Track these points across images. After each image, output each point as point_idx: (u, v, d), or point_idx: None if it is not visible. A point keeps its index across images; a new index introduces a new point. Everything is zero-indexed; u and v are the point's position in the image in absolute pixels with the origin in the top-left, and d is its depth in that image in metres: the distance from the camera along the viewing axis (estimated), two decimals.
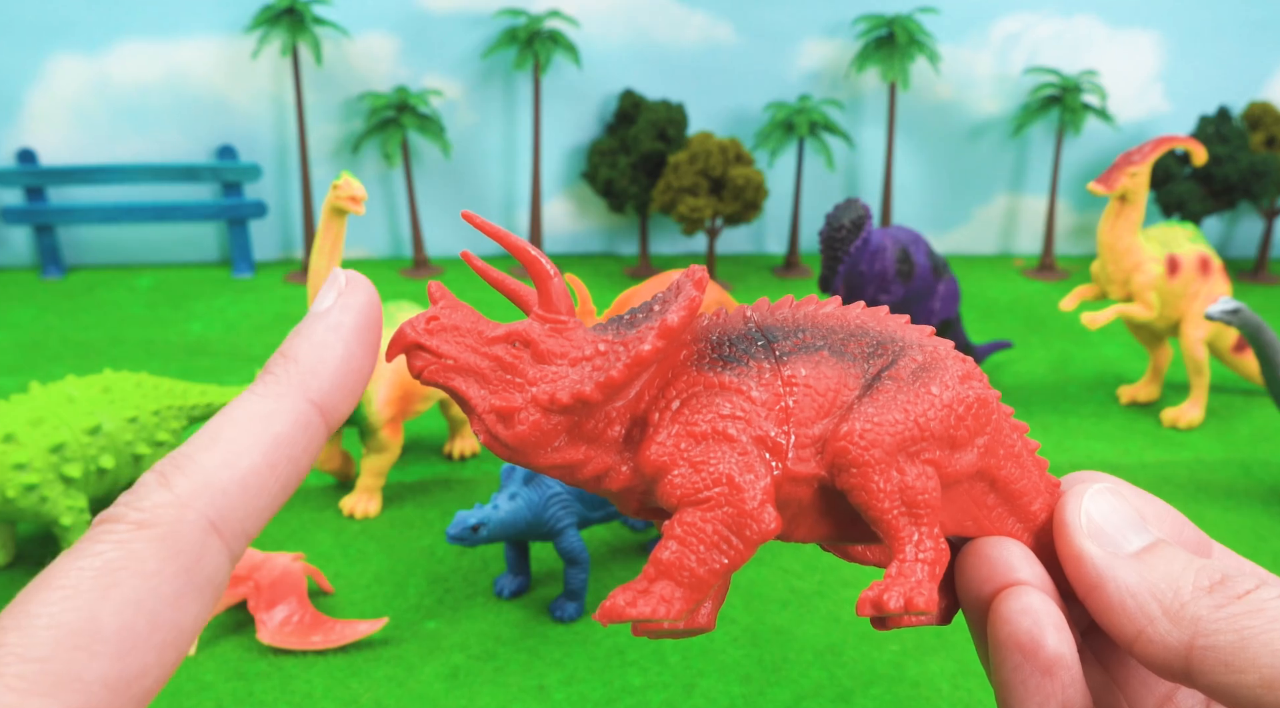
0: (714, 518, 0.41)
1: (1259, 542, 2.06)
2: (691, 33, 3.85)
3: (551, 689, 1.61)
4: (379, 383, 2.04)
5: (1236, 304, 2.13)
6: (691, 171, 3.45)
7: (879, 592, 0.42)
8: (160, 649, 0.31)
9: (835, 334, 0.45)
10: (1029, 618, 0.40)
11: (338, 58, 3.69)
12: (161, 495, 0.33)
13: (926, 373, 0.44)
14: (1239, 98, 3.98)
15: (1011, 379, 2.88)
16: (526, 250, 0.45)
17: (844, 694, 1.60)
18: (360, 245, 3.92)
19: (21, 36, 3.53)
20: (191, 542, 0.32)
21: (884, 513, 0.42)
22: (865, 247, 2.31)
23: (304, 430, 0.37)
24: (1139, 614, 0.39)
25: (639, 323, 0.44)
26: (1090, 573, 0.41)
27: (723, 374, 0.43)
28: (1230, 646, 0.36)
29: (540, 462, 0.43)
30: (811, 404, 0.43)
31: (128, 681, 0.30)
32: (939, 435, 0.43)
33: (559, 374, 0.43)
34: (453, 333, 0.43)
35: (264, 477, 0.35)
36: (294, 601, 1.72)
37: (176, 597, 0.31)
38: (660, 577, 0.41)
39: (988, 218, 4.18)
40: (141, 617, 0.30)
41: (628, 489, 0.44)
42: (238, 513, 0.34)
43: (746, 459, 0.42)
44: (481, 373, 0.43)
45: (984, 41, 3.94)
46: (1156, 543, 0.41)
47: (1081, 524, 0.42)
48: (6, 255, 3.74)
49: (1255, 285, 3.83)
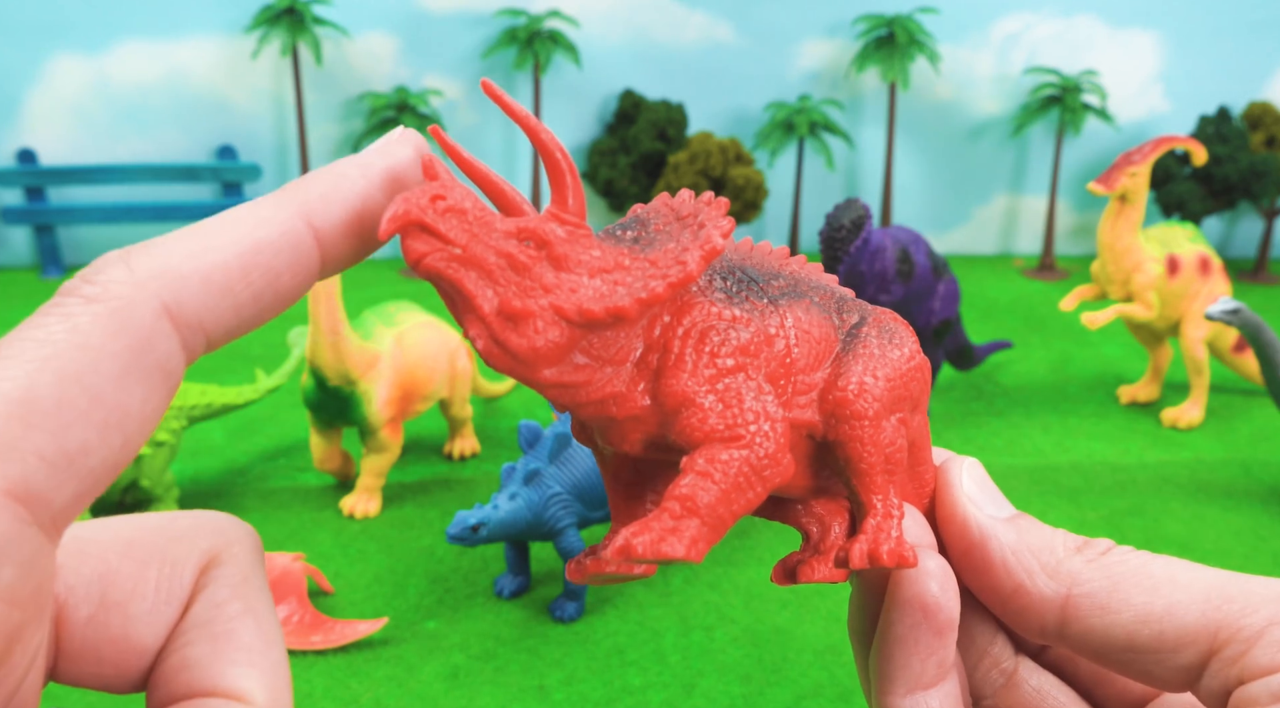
0: (741, 457, 0.39)
1: (1259, 542, 2.06)
2: (691, 33, 3.85)
3: (551, 689, 1.61)
4: (379, 383, 2.03)
5: (1236, 304, 2.13)
6: (691, 171, 3.45)
7: (870, 545, 0.42)
8: (102, 428, 0.29)
9: (805, 284, 0.45)
10: (934, 580, 0.43)
11: (338, 58, 3.69)
12: (118, 272, 0.31)
13: (892, 334, 0.45)
14: (1239, 98, 3.98)
15: (1011, 379, 2.88)
16: (542, 138, 0.40)
17: (844, 694, 1.60)
18: None
19: (21, 36, 3.53)
20: (141, 322, 0.30)
21: (871, 467, 0.43)
22: (865, 247, 2.31)
23: (291, 247, 0.33)
24: (1019, 569, 0.43)
25: (649, 241, 0.41)
26: (974, 533, 0.44)
27: (734, 308, 0.42)
28: (1104, 590, 0.41)
29: (544, 378, 0.39)
30: (809, 350, 0.43)
31: (67, 455, 0.28)
32: (911, 396, 0.45)
33: (578, 284, 0.38)
34: (459, 216, 0.37)
35: (232, 277, 0.32)
36: (294, 601, 1.72)
37: (120, 376, 0.29)
38: (687, 514, 0.38)
39: (988, 218, 4.18)
40: (81, 391, 0.29)
41: (635, 418, 0.41)
42: (195, 304, 0.31)
43: (768, 399, 0.40)
44: (489, 269, 0.37)
45: (984, 41, 3.94)
46: (1020, 514, 0.45)
47: (965, 490, 0.46)
48: (6, 255, 3.74)
49: (1255, 285, 3.83)
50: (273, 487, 2.22)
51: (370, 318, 2.12)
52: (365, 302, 2.35)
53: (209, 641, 0.33)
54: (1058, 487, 2.27)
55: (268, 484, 2.23)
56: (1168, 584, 0.41)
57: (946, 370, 2.88)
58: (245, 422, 2.50)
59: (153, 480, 1.96)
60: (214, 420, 2.42)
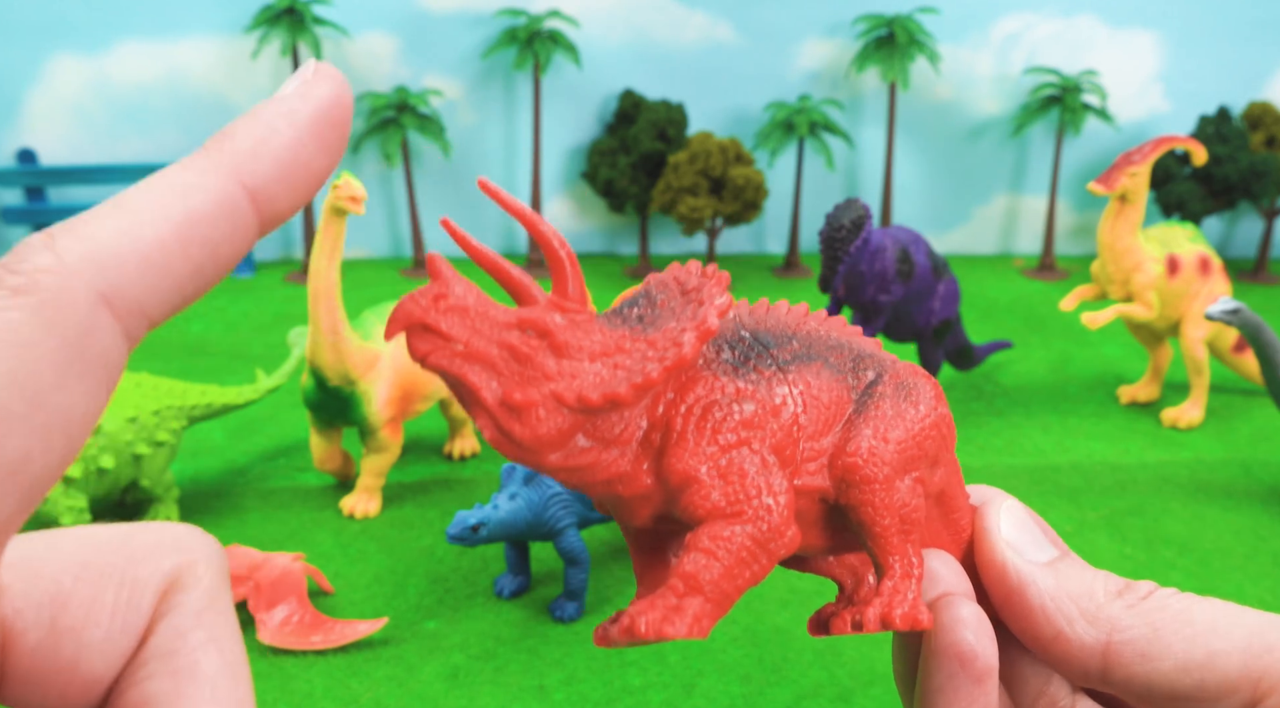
0: (745, 532, 0.39)
1: (1259, 542, 2.06)
2: (691, 33, 3.85)
3: (551, 689, 1.61)
4: (378, 383, 2.03)
5: (1236, 304, 2.13)
6: (691, 171, 3.45)
7: (884, 609, 0.42)
8: (44, 433, 0.26)
9: (819, 344, 0.45)
10: (969, 629, 0.42)
11: (338, 58, 3.69)
12: (44, 258, 0.28)
13: (909, 391, 0.45)
14: (1239, 98, 3.98)
15: (1011, 379, 2.88)
16: (541, 230, 0.41)
17: (844, 694, 1.60)
18: (360, 245, 3.92)
19: (21, 36, 3.53)
20: (78, 314, 0.27)
21: (885, 530, 0.43)
22: (865, 247, 2.31)
23: (228, 214, 0.31)
24: (1058, 616, 0.43)
25: (652, 320, 0.42)
26: (1012, 579, 0.44)
27: (738, 381, 0.42)
28: (1145, 638, 0.41)
29: (552, 463, 0.40)
30: (818, 416, 0.43)
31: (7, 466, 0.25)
32: (928, 454, 0.45)
33: (579, 370, 0.39)
34: (460, 314, 0.38)
35: (171, 254, 0.29)
36: (294, 601, 1.72)
37: (59, 375, 0.27)
38: (690, 592, 0.39)
39: (988, 218, 4.18)
40: (18, 394, 0.26)
41: (642, 497, 0.42)
42: (135, 288, 0.29)
43: (771, 472, 0.41)
44: (492, 362, 0.39)
45: (984, 41, 3.94)
46: (1062, 555, 0.45)
47: (1003, 535, 0.45)
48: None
49: (1255, 285, 3.83)
50: (273, 487, 2.22)
51: (370, 318, 2.12)
52: (365, 302, 2.35)
53: (169, 675, 0.31)
54: (1058, 487, 2.27)
55: (268, 484, 2.23)
56: (1208, 632, 0.40)
57: (946, 370, 2.88)
58: (245, 422, 2.50)
59: (153, 480, 1.96)
60: (214, 420, 2.42)
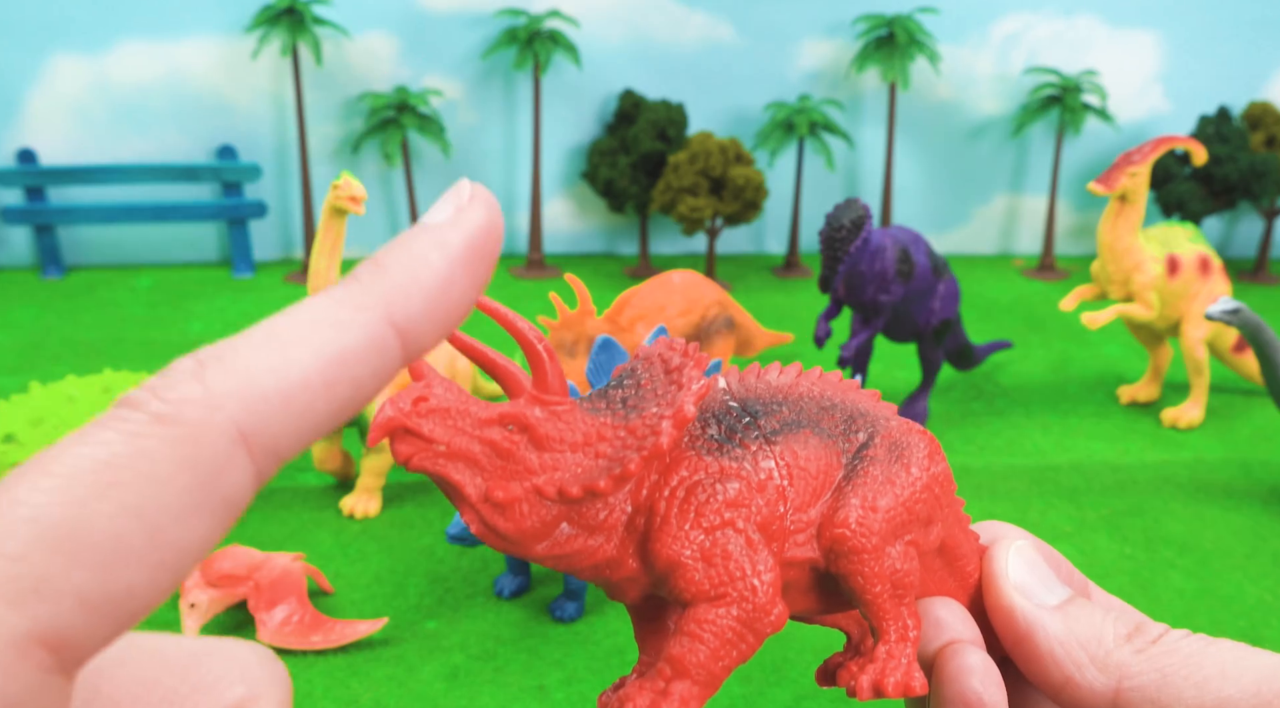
0: (730, 614, 0.40)
1: (1259, 542, 2.06)
2: (691, 33, 3.85)
3: (551, 689, 1.61)
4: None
5: (1236, 304, 2.13)
6: (691, 171, 3.45)
7: (876, 676, 0.43)
8: (155, 569, 0.25)
9: (809, 408, 0.45)
10: (975, 677, 0.42)
11: (338, 58, 3.69)
12: (191, 388, 0.27)
13: (901, 452, 0.45)
14: (1239, 98, 3.98)
15: (1011, 379, 2.88)
16: (519, 328, 0.42)
17: (844, 694, 1.60)
18: (360, 245, 3.92)
19: (21, 36, 3.53)
20: (215, 450, 0.27)
21: (876, 596, 0.43)
22: (865, 247, 2.31)
23: (378, 353, 0.30)
24: (1067, 662, 0.43)
25: (635, 403, 0.42)
26: (1021, 624, 0.44)
27: (722, 459, 0.43)
28: (1154, 684, 0.41)
29: (538, 552, 0.41)
30: (806, 487, 0.44)
31: (111, 599, 0.25)
32: (920, 516, 0.45)
33: (560, 462, 0.40)
34: (442, 415, 0.40)
35: (315, 394, 0.29)
36: (294, 601, 1.72)
37: (185, 512, 0.26)
38: (677, 676, 0.40)
39: (988, 218, 4.18)
40: (140, 527, 0.25)
41: (630, 579, 0.43)
42: (274, 428, 0.28)
43: (756, 551, 0.41)
44: (475, 459, 0.40)
45: (984, 41, 3.94)
46: (1073, 597, 0.45)
47: (1010, 579, 0.45)
48: (6, 255, 3.74)
49: (1255, 285, 3.83)
50: (273, 487, 2.22)
51: None
52: None
53: None
54: (1058, 487, 2.27)
55: (268, 484, 2.23)
56: (1217, 678, 0.40)
57: (946, 370, 2.88)
58: None
59: None
60: None
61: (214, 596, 1.69)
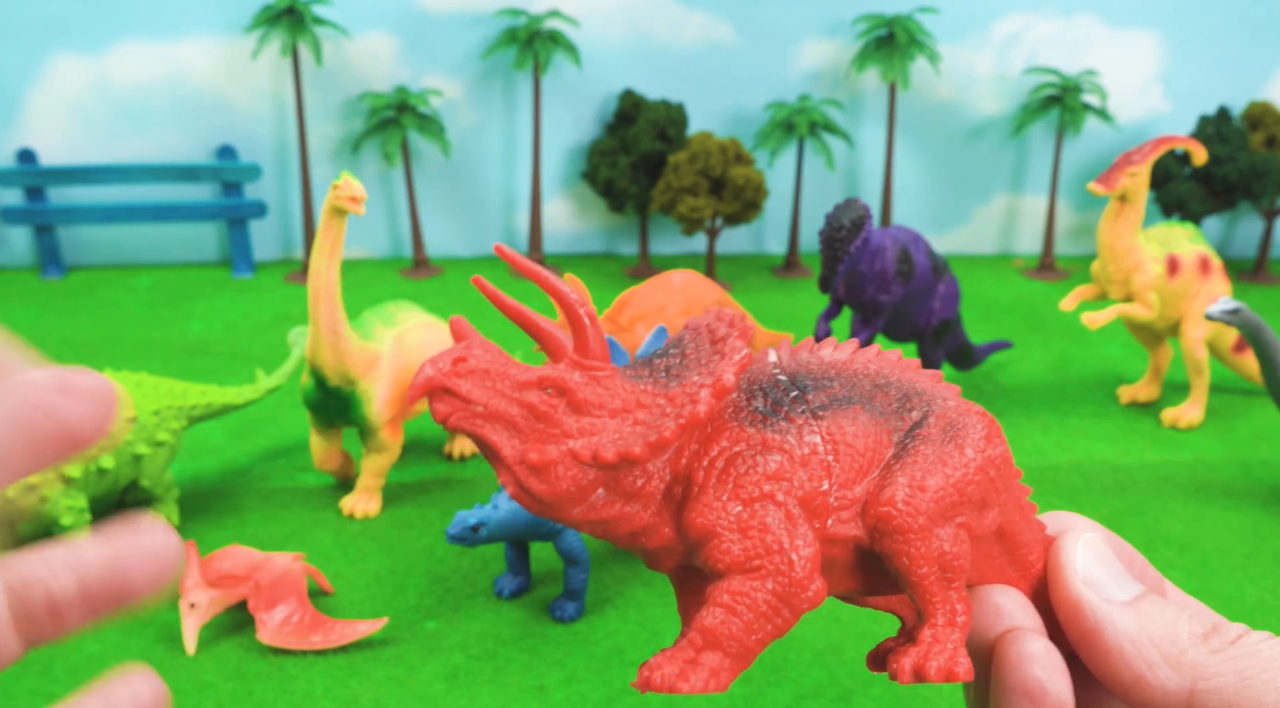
0: (765, 587, 0.39)
1: (1259, 542, 2.06)
2: (691, 33, 3.85)
3: (551, 689, 1.61)
4: (378, 383, 2.03)
5: (1236, 304, 2.13)
6: (691, 172, 3.45)
7: (918, 659, 0.42)
8: None
9: (863, 385, 0.44)
10: (1037, 664, 0.41)
11: (338, 58, 3.69)
12: None
13: (956, 432, 0.44)
14: (1239, 98, 3.98)
15: (1011, 379, 2.88)
16: (561, 291, 0.41)
17: (844, 694, 1.60)
18: (360, 245, 3.92)
19: (21, 36, 3.53)
20: None
21: (922, 578, 0.42)
22: (865, 247, 2.31)
23: None
24: (1138, 660, 0.41)
25: (678, 372, 0.42)
26: (1089, 619, 0.42)
27: (765, 431, 0.42)
28: (1232, 687, 0.39)
29: (574, 517, 0.41)
30: (852, 463, 0.42)
31: None
32: (973, 499, 0.43)
33: (598, 427, 0.40)
34: (481, 376, 0.40)
35: None
36: (294, 601, 1.72)
37: None
38: (708, 647, 0.39)
39: (988, 218, 4.18)
40: None
41: (666, 549, 0.42)
42: None
43: (795, 525, 0.40)
44: (512, 421, 0.40)
45: (984, 41, 3.94)
46: (1145, 593, 0.43)
47: (1078, 572, 0.43)
48: (6, 255, 3.74)
49: (1255, 285, 3.83)
50: (273, 487, 2.22)
51: (370, 318, 2.12)
52: (365, 302, 2.35)
53: None
54: (1058, 487, 2.27)
55: (268, 484, 2.23)
56: None
57: (947, 370, 2.88)
58: (245, 422, 2.49)
59: (153, 481, 1.96)
60: (214, 420, 2.42)
61: (214, 596, 1.69)
